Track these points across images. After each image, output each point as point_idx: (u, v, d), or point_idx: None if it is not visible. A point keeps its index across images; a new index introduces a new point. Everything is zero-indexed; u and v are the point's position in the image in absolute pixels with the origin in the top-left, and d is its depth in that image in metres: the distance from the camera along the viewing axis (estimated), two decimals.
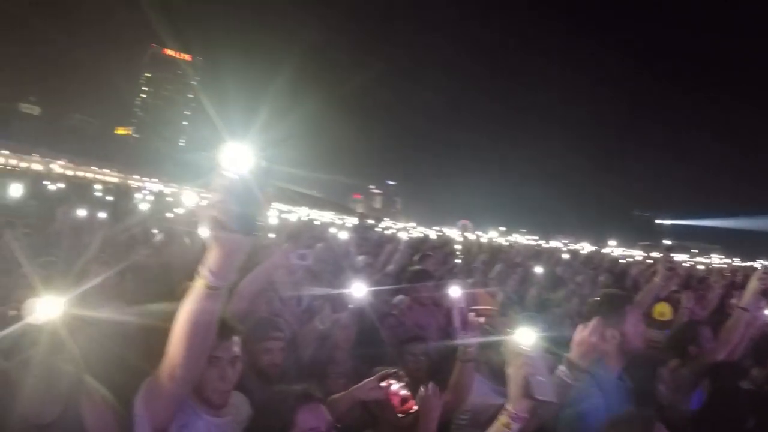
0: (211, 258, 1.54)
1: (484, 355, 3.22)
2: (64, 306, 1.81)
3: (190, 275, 1.71)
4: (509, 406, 1.88)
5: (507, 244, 19.24)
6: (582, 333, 2.44)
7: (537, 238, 30.14)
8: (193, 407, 2.15)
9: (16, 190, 8.40)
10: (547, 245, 22.05)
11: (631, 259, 17.61)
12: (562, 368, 2.42)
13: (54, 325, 1.84)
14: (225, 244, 1.49)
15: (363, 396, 2.68)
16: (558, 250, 15.64)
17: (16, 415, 2.05)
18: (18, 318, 1.78)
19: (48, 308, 1.76)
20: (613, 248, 26.88)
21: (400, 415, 2.61)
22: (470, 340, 2.64)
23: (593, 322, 2.45)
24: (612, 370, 2.75)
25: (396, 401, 2.62)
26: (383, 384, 2.65)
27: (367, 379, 2.71)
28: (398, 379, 2.68)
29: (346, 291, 3.66)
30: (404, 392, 2.67)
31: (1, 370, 2.01)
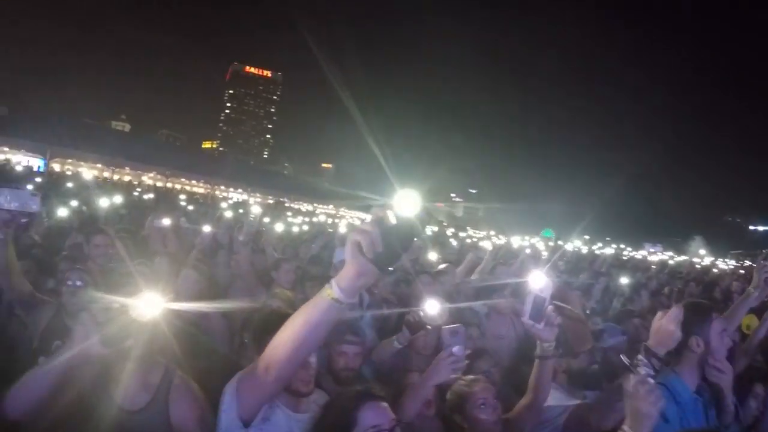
0: (344, 275, 1.60)
1: (562, 361, 3.17)
2: (165, 303, 1.97)
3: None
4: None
5: (591, 253, 18.80)
6: (660, 320, 2.39)
7: (623, 246, 29.21)
8: (279, 402, 2.21)
9: (110, 200, 8.89)
10: (633, 254, 21.37)
11: (724, 268, 16.84)
12: (639, 357, 2.38)
13: (155, 320, 1.99)
14: (359, 269, 1.54)
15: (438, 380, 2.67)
16: (644, 260, 15.18)
17: (110, 400, 2.22)
18: (121, 311, 1.95)
19: (151, 304, 1.93)
20: (703, 257, 25.75)
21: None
22: (545, 334, 2.52)
23: (673, 310, 2.39)
24: (690, 384, 2.58)
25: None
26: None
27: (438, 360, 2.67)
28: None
29: (419, 310, 3.51)
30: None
31: (102, 358, 2.11)
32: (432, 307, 3.34)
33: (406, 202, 1.44)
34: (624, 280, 5.25)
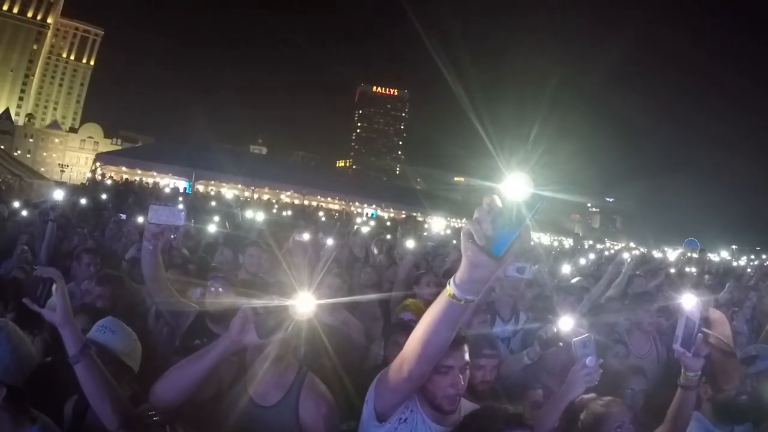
0: (460, 270, 1.59)
1: (707, 390, 2.96)
2: (317, 302, 2.17)
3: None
4: None
5: (739, 264, 17.47)
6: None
7: None
8: (420, 410, 2.25)
9: (257, 216, 9.57)
10: None
11: None
12: None
13: (308, 317, 2.20)
14: (471, 259, 1.51)
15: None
16: None
17: (246, 396, 2.40)
18: (277, 308, 2.16)
19: (305, 303, 2.14)
20: None
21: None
22: (692, 363, 2.40)
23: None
24: None
25: None
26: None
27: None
28: None
29: (552, 327, 3.42)
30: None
31: (242, 356, 2.37)
32: (566, 324, 3.26)
33: (513, 185, 1.41)
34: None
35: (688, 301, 2.44)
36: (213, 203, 16.90)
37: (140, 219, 6.72)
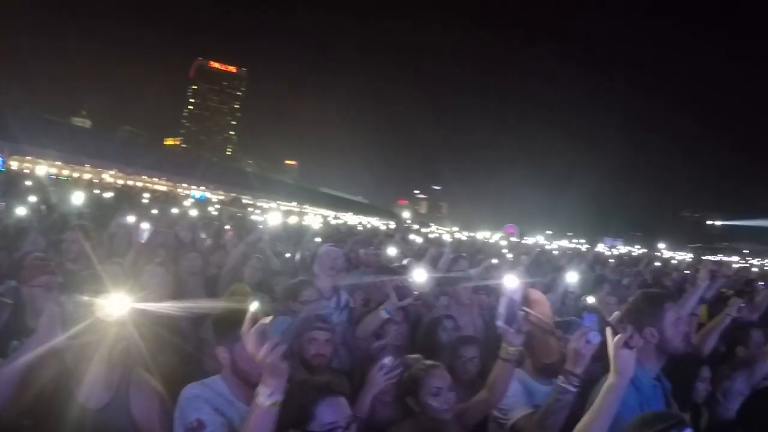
0: (264, 383, 1.79)
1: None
2: (132, 304, 2.01)
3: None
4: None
5: (553, 247, 19.08)
6: (571, 344, 2.43)
7: (584, 241, 29.81)
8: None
9: (75, 198, 8.72)
10: (593, 249, 21.76)
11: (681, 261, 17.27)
12: (560, 377, 2.45)
13: (121, 320, 2.03)
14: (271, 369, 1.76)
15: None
16: (601, 254, 15.54)
17: (72, 398, 2.24)
18: (87, 309, 1.99)
19: (117, 304, 1.97)
20: (663, 251, 26.41)
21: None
22: (514, 338, 2.56)
23: (578, 331, 2.43)
24: (650, 371, 2.64)
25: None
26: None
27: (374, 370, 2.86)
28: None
29: (407, 278, 3.58)
30: None
31: (64, 356, 2.19)
32: (420, 275, 3.40)
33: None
34: (573, 276, 5.11)
35: (510, 282, 2.55)
36: (28, 182, 15.11)
37: None
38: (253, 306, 1.82)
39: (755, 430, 3.04)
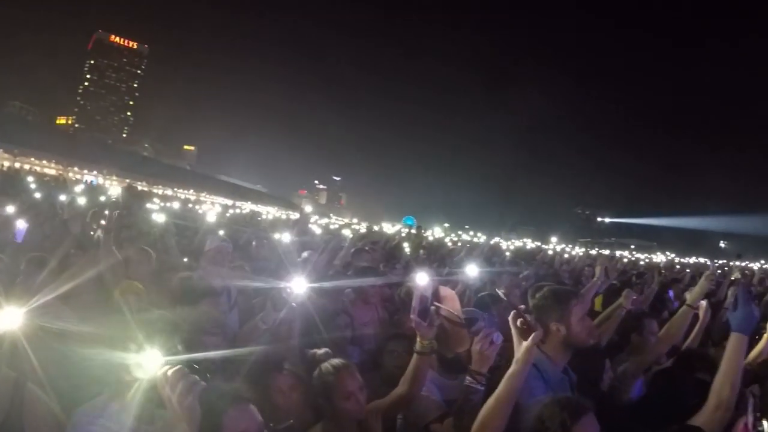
0: None
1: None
2: (22, 317, 1.80)
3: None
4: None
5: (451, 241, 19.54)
6: (475, 345, 2.54)
7: (480, 235, 30.75)
8: None
9: None
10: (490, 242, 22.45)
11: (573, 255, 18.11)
12: (467, 378, 2.54)
13: (11, 335, 1.85)
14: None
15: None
16: (498, 247, 16.13)
17: None
18: None
19: (6, 320, 1.76)
20: (555, 245, 27.67)
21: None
22: (427, 331, 2.62)
23: (481, 333, 2.55)
24: (557, 364, 2.82)
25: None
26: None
27: None
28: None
29: (286, 286, 3.48)
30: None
31: None
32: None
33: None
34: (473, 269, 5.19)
35: (422, 279, 2.66)
36: None
37: None
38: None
39: (653, 410, 3.21)
